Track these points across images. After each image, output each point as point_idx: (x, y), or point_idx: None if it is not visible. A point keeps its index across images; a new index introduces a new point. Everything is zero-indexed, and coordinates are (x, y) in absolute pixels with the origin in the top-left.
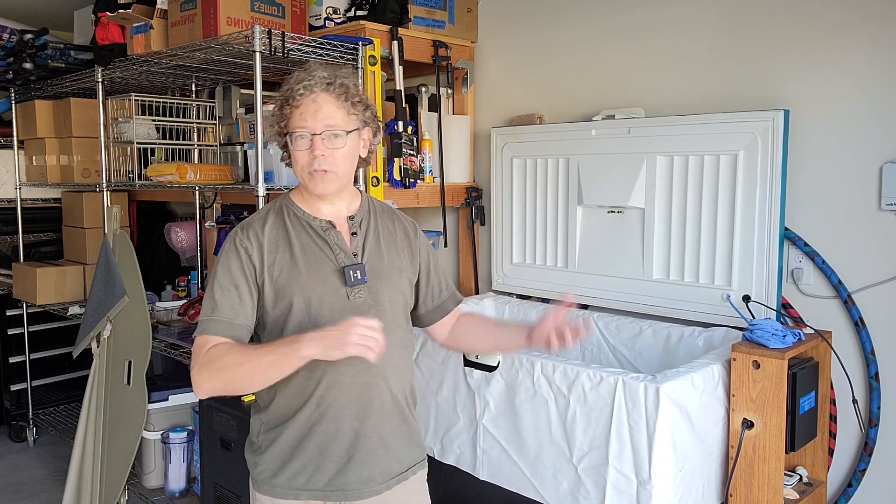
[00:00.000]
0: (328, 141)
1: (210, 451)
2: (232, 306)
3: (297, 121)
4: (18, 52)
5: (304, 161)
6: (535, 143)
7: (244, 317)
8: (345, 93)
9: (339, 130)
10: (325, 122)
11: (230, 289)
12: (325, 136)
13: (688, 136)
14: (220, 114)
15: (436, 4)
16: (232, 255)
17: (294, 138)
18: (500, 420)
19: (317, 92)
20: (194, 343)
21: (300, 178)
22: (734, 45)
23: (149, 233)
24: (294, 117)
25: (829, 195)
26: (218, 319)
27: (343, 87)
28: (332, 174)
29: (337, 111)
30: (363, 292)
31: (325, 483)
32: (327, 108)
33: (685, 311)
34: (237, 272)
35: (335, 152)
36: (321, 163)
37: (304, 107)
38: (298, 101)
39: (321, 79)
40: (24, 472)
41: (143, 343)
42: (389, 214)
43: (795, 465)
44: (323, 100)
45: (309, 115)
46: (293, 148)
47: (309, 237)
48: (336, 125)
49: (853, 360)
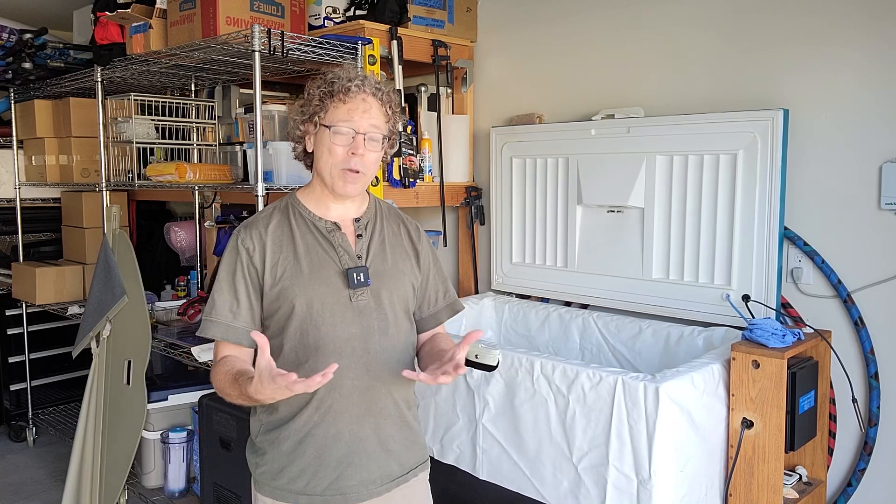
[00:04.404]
0: (369, 143)
1: (210, 451)
2: (230, 309)
3: (344, 115)
4: (18, 51)
5: (339, 157)
6: (534, 142)
7: (242, 320)
8: (390, 101)
9: (380, 135)
10: (371, 123)
11: (229, 291)
12: (367, 138)
13: (687, 135)
14: (219, 113)
15: (435, 4)
16: (234, 257)
17: (334, 132)
18: (500, 420)
19: (368, 93)
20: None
21: (325, 174)
22: (734, 44)
23: (148, 233)
24: (340, 111)
25: (828, 195)
26: (216, 321)
27: (389, 96)
28: (362, 176)
29: (381, 116)
30: (366, 295)
31: (324, 488)
32: (376, 110)
33: (685, 311)
34: (237, 275)
35: (370, 155)
36: (357, 163)
37: (354, 104)
38: (349, 97)
39: (373, 82)
40: (24, 472)
41: (142, 343)
42: (396, 217)
43: (795, 465)
44: (372, 102)
45: (358, 112)
46: (331, 141)
47: (313, 238)
48: (380, 129)
49: (853, 360)
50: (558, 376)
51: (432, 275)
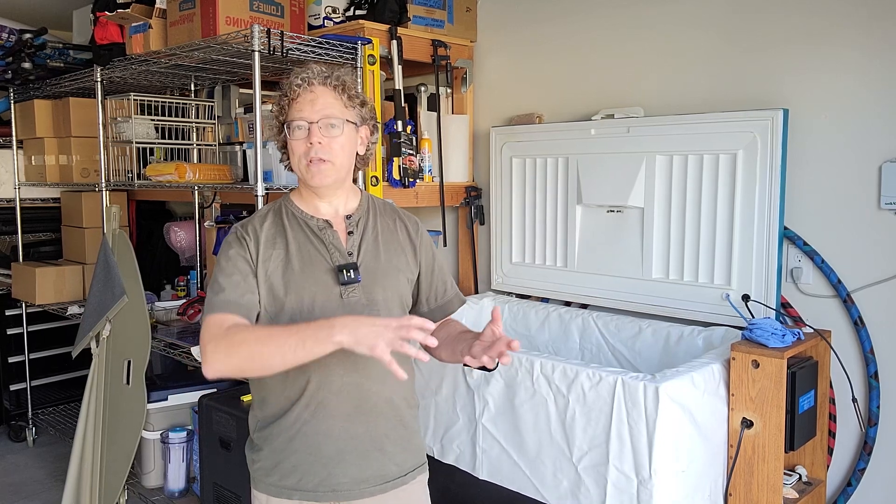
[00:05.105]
0: (325, 130)
1: (209, 451)
2: (237, 287)
3: (295, 112)
4: (17, 51)
5: (301, 151)
6: (534, 142)
7: (251, 296)
8: (342, 85)
9: (336, 120)
10: (322, 112)
11: (234, 272)
12: (322, 125)
13: (687, 135)
14: (219, 113)
15: (435, 4)
16: (234, 245)
17: (292, 129)
18: (500, 419)
19: (315, 84)
20: (205, 321)
21: (298, 172)
22: (733, 44)
23: (148, 232)
24: (292, 109)
25: (828, 194)
26: (226, 299)
27: (340, 81)
28: (329, 164)
29: (334, 102)
30: (357, 291)
31: (316, 484)
32: (324, 98)
33: (685, 311)
34: (239, 259)
35: (332, 141)
36: (318, 151)
37: (302, 98)
38: (296, 93)
39: (319, 72)
40: (24, 472)
41: (142, 343)
42: (391, 213)
43: (795, 465)
44: (320, 91)
45: (306, 105)
46: (291, 139)
47: (305, 236)
48: (333, 115)
49: (852, 360)
50: (558, 376)
51: (436, 266)
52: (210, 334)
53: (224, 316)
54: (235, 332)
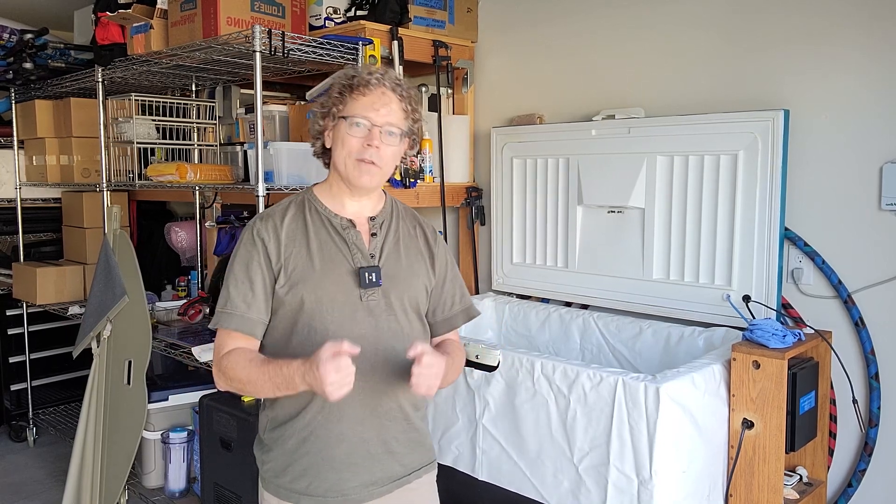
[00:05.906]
0: (385, 136)
1: (210, 451)
2: (245, 300)
3: (361, 108)
4: (18, 51)
5: (354, 147)
6: (535, 143)
7: (256, 311)
8: (409, 98)
9: (398, 129)
10: (388, 118)
11: (244, 282)
12: (384, 131)
13: (688, 136)
14: (220, 114)
15: (436, 4)
16: (249, 247)
17: (351, 123)
18: (500, 420)
19: (387, 87)
20: (216, 336)
21: (342, 167)
22: (734, 44)
23: (149, 233)
24: (358, 103)
25: (829, 195)
26: (230, 313)
27: (409, 93)
28: (378, 169)
29: (400, 112)
30: (377, 295)
31: (326, 489)
32: (394, 105)
33: (685, 311)
34: (253, 265)
35: (387, 149)
36: (372, 154)
37: (373, 97)
38: (368, 90)
39: (392, 77)
40: (24, 472)
41: (143, 343)
42: (412, 218)
43: (795, 465)
44: (391, 97)
45: (376, 105)
46: (347, 133)
47: (327, 234)
48: (396, 124)
49: (853, 360)
50: (559, 376)
51: (448, 278)
52: (215, 355)
53: (227, 336)
54: (228, 367)
